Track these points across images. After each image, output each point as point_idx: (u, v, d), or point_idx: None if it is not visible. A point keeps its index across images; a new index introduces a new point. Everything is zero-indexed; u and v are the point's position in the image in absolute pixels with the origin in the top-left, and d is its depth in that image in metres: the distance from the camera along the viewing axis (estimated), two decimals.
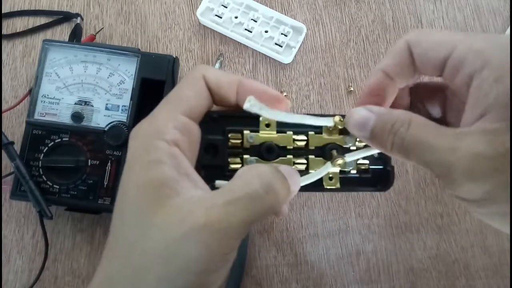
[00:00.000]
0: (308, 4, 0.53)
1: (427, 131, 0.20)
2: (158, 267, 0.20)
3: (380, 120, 0.22)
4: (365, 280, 0.46)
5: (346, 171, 0.26)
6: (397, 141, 0.21)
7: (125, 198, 0.22)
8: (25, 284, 0.43)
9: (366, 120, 0.22)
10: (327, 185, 0.26)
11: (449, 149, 0.18)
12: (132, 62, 0.44)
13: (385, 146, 0.22)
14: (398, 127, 0.21)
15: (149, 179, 0.21)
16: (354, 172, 0.27)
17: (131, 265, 0.20)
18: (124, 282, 0.20)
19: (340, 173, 0.26)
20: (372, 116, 0.22)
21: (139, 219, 0.21)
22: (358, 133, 0.23)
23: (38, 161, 0.42)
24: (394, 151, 0.22)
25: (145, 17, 0.51)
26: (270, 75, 0.51)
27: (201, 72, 0.24)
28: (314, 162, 0.26)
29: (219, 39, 0.51)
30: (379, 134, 0.22)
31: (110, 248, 0.23)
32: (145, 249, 0.20)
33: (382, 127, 0.22)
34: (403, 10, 0.54)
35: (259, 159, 0.25)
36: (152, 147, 0.22)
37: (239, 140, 0.25)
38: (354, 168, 0.26)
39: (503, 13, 0.54)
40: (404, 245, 0.47)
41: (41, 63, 0.44)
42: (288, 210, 0.47)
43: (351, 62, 0.52)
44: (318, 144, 0.26)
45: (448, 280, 0.47)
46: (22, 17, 0.50)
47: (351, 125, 0.24)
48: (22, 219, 0.45)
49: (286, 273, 0.46)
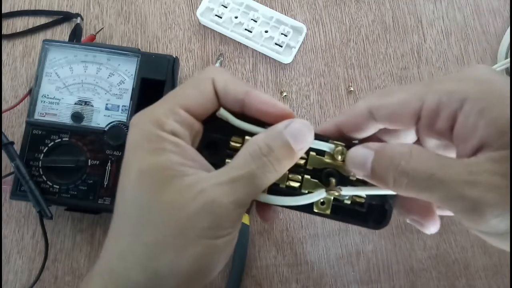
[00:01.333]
0: (308, 4, 0.53)
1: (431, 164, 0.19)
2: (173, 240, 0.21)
3: (378, 156, 0.21)
4: (365, 280, 0.46)
5: (340, 199, 0.25)
6: (399, 177, 0.20)
7: (128, 181, 0.22)
8: (25, 284, 0.43)
9: (365, 159, 0.22)
10: (317, 209, 0.25)
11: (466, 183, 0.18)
12: (132, 62, 0.44)
13: (387, 182, 0.21)
14: (398, 161, 0.20)
15: (154, 163, 0.22)
16: (349, 202, 0.25)
17: (142, 241, 0.21)
18: (138, 256, 0.21)
19: (333, 200, 0.25)
20: (370, 153, 0.22)
21: (145, 199, 0.21)
22: (359, 173, 0.23)
23: (38, 161, 0.42)
24: (399, 188, 0.21)
25: (145, 17, 0.51)
26: (270, 75, 0.51)
27: (211, 74, 0.24)
28: (308, 183, 0.25)
29: (219, 39, 0.51)
30: (379, 170, 0.21)
31: (115, 228, 0.23)
32: (157, 225, 0.21)
33: (381, 164, 0.21)
34: (403, 10, 0.54)
35: None
36: (154, 137, 0.22)
37: (239, 144, 0.25)
38: (349, 199, 0.25)
39: (503, 13, 0.54)
40: (404, 245, 0.47)
41: (41, 63, 0.44)
42: (288, 210, 0.47)
43: (351, 62, 0.52)
44: (317, 166, 0.24)
45: (448, 280, 0.47)
46: (22, 17, 0.50)
47: (350, 165, 0.23)
48: (22, 219, 0.45)
49: (286, 273, 0.46)
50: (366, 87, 0.51)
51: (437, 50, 0.53)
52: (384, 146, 0.22)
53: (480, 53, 0.53)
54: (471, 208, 0.18)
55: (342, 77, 0.51)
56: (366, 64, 0.52)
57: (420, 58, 0.52)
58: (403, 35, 0.53)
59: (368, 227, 0.25)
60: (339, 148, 0.23)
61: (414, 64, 0.52)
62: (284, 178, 0.25)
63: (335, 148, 0.24)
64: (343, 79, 0.51)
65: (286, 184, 0.25)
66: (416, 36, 0.53)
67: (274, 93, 0.50)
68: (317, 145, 0.24)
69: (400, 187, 0.20)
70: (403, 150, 0.20)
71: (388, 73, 0.51)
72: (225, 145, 0.25)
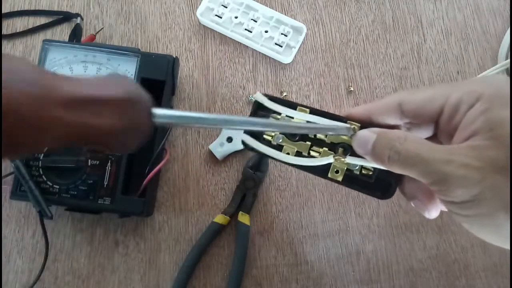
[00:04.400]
0: (308, 4, 0.53)
1: (421, 147, 0.23)
2: None
3: (379, 137, 0.26)
4: (365, 280, 0.46)
5: (352, 170, 0.29)
6: (393, 154, 0.24)
7: None
8: (25, 284, 0.43)
9: (368, 139, 0.26)
10: (331, 175, 0.29)
11: (444, 161, 0.22)
12: (132, 62, 0.44)
13: (383, 159, 0.25)
14: (394, 142, 0.24)
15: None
16: (358, 173, 0.29)
17: None
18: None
19: (346, 170, 0.29)
20: (373, 136, 0.26)
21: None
22: (361, 151, 0.27)
23: (38, 161, 0.42)
24: (391, 164, 0.25)
25: (145, 17, 0.51)
26: (270, 75, 0.51)
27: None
28: (325, 154, 0.30)
29: (219, 39, 0.51)
30: (378, 149, 0.25)
31: None
32: None
33: (381, 143, 0.25)
34: (403, 10, 0.54)
35: (285, 138, 0.30)
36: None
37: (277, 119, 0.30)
38: (358, 170, 0.29)
39: (503, 13, 0.54)
40: (404, 245, 0.47)
41: (41, 63, 0.44)
42: (288, 210, 0.47)
43: (351, 62, 0.52)
44: (334, 140, 0.29)
45: (448, 280, 0.47)
46: (22, 17, 0.50)
47: (355, 145, 0.28)
48: (22, 219, 0.45)
49: (286, 273, 0.46)
50: (366, 87, 0.51)
51: (437, 50, 0.53)
52: (386, 130, 0.26)
53: (480, 53, 0.53)
54: (442, 179, 0.22)
55: (342, 77, 0.51)
56: (366, 64, 0.52)
57: (420, 58, 0.52)
58: (403, 35, 0.53)
59: (375, 196, 0.29)
60: (353, 127, 0.28)
61: (414, 64, 0.52)
62: (306, 148, 0.30)
63: (350, 127, 0.28)
64: (343, 79, 0.51)
65: (308, 153, 0.30)
66: (416, 36, 0.53)
67: (274, 93, 0.50)
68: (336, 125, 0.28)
69: (392, 164, 0.24)
70: (400, 135, 0.24)
71: (388, 73, 0.51)
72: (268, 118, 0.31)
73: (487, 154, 0.21)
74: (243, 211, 0.46)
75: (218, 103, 0.49)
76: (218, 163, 0.48)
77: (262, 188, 0.47)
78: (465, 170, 0.21)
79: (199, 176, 0.47)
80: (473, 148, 0.21)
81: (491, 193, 0.20)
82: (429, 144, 0.24)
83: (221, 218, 0.45)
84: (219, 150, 0.47)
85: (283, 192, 0.48)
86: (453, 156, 0.22)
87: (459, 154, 0.21)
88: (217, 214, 0.46)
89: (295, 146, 0.30)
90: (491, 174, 0.20)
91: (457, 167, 0.21)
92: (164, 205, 0.47)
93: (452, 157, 0.21)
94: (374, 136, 0.26)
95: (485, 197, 0.21)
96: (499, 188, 0.20)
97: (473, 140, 0.22)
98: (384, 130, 0.26)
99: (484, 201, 0.21)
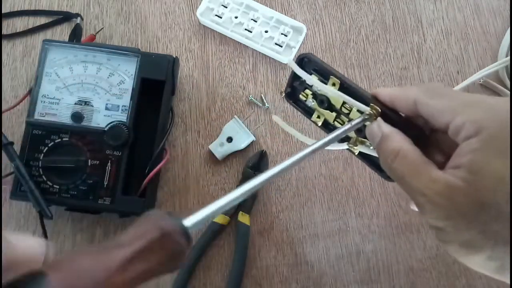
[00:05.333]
0: (308, 4, 0.53)
1: (406, 169, 0.25)
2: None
3: (381, 142, 0.27)
4: (365, 280, 0.46)
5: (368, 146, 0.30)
6: (385, 167, 0.26)
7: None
8: None
9: (375, 136, 0.27)
10: (349, 146, 0.31)
11: (419, 192, 0.24)
12: (132, 62, 0.44)
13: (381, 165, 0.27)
14: (387, 156, 0.26)
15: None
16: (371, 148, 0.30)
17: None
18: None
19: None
20: (379, 134, 0.27)
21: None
22: (371, 142, 0.28)
23: (38, 161, 0.42)
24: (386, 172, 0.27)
25: (145, 17, 0.51)
26: (270, 75, 0.51)
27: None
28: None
29: (219, 39, 0.51)
30: (379, 153, 0.27)
31: None
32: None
33: (379, 150, 0.27)
34: (403, 10, 0.54)
35: (316, 103, 0.32)
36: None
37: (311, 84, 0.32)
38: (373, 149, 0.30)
39: (503, 13, 0.54)
40: (404, 245, 0.47)
41: (41, 63, 0.44)
42: (288, 210, 0.47)
43: (351, 62, 0.52)
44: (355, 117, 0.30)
45: (448, 280, 0.47)
46: (22, 17, 0.50)
47: (367, 134, 0.29)
48: (22, 219, 0.45)
49: (286, 273, 0.46)
50: (366, 87, 0.51)
51: (437, 50, 0.53)
52: (387, 136, 0.27)
53: (480, 53, 0.53)
54: (417, 205, 0.24)
55: None
56: (366, 64, 0.52)
57: (420, 58, 0.52)
58: (403, 35, 0.53)
59: (382, 176, 0.30)
60: (371, 112, 0.29)
61: (414, 64, 0.52)
62: (332, 118, 0.32)
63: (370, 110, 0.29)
64: None
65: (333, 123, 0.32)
66: (416, 36, 0.53)
67: (274, 93, 0.50)
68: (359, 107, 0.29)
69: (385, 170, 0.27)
70: (394, 148, 0.26)
71: (388, 73, 0.51)
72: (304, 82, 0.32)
73: (457, 198, 0.22)
74: (243, 211, 0.46)
75: (218, 103, 0.49)
76: (218, 163, 0.48)
77: (262, 188, 0.47)
78: (434, 206, 0.23)
79: (199, 176, 0.47)
80: (448, 187, 0.23)
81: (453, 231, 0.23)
82: (416, 166, 0.25)
83: (221, 218, 0.45)
84: (219, 150, 0.47)
85: (283, 192, 0.48)
86: (427, 190, 0.23)
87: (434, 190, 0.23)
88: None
89: (324, 113, 0.32)
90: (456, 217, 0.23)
91: (427, 202, 0.23)
92: (164, 205, 0.47)
93: (427, 191, 0.23)
94: (379, 136, 0.27)
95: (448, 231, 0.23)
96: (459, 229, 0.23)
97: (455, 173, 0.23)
98: (387, 134, 0.27)
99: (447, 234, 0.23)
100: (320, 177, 0.48)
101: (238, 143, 0.47)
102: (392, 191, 0.48)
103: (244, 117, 0.49)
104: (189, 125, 0.49)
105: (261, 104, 0.49)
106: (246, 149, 0.48)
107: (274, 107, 0.50)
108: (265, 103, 0.49)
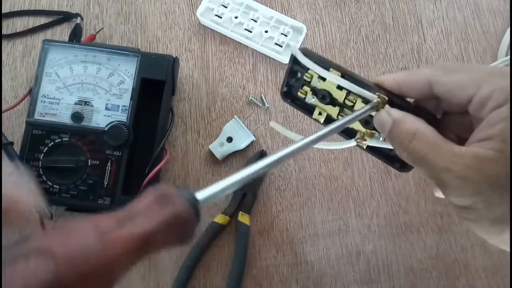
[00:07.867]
0: (308, 4, 0.53)
1: (427, 148, 0.23)
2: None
3: (393, 126, 0.25)
4: (365, 280, 0.46)
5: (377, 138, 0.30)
6: (401, 151, 0.25)
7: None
8: None
9: (385, 124, 0.26)
10: (357, 141, 0.30)
11: (444, 169, 0.22)
12: (132, 62, 0.44)
13: (396, 148, 0.25)
14: (402, 139, 0.24)
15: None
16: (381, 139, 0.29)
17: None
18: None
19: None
20: (389, 122, 0.25)
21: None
22: (380, 131, 0.27)
23: (38, 161, 0.42)
24: (402, 156, 0.25)
25: (145, 17, 0.51)
26: (270, 75, 0.51)
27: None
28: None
29: (219, 39, 0.51)
30: (391, 138, 0.25)
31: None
32: None
33: (393, 134, 0.25)
34: (403, 10, 0.54)
35: (316, 100, 0.31)
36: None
37: (309, 80, 0.31)
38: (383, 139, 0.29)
39: (503, 13, 0.54)
40: (404, 245, 0.47)
41: (41, 63, 0.44)
42: (288, 210, 0.47)
43: (351, 62, 0.52)
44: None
45: (448, 280, 0.47)
46: (22, 17, 0.50)
47: (375, 123, 0.27)
48: None
49: (286, 273, 0.46)
50: None
51: (437, 50, 0.53)
52: (399, 120, 0.25)
53: (480, 53, 0.53)
54: (441, 185, 0.23)
55: None
56: (366, 64, 0.52)
57: (420, 58, 0.52)
58: (403, 35, 0.53)
59: (394, 167, 0.30)
60: (378, 101, 0.27)
61: (414, 64, 0.52)
62: (336, 112, 0.31)
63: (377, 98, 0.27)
64: None
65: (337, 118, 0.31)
66: (416, 36, 0.53)
67: (274, 93, 0.50)
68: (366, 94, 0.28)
69: (402, 156, 0.25)
70: (410, 130, 0.24)
71: (388, 73, 0.51)
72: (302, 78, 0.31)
73: (488, 169, 0.21)
74: (243, 211, 0.46)
75: (218, 103, 0.49)
76: (218, 163, 0.48)
77: (262, 188, 0.47)
78: (462, 181, 0.22)
79: (199, 176, 0.47)
80: (477, 159, 0.21)
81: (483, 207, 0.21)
82: (436, 144, 0.23)
83: (221, 218, 0.45)
84: (219, 150, 0.47)
85: (283, 192, 0.48)
86: (453, 165, 0.22)
87: (461, 164, 0.22)
88: (217, 214, 0.46)
89: (326, 109, 0.31)
90: (487, 190, 0.21)
91: (454, 178, 0.22)
92: None
93: (452, 166, 0.22)
94: (390, 122, 0.25)
95: (477, 209, 0.22)
96: (491, 204, 0.21)
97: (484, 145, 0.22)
98: (400, 117, 0.25)
99: (477, 211, 0.22)
100: (320, 177, 0.48)
101: (238, 143, 0.47)
102: (392, 191, 0.48)
103: (244, 117, 0.49)
104: (189, 125, 0.49)
105: (261, 104, 0.49)
106: (246, 149, 0.48)
107: (274, 107, 0.50)
108: (265, 103, 0.49)
